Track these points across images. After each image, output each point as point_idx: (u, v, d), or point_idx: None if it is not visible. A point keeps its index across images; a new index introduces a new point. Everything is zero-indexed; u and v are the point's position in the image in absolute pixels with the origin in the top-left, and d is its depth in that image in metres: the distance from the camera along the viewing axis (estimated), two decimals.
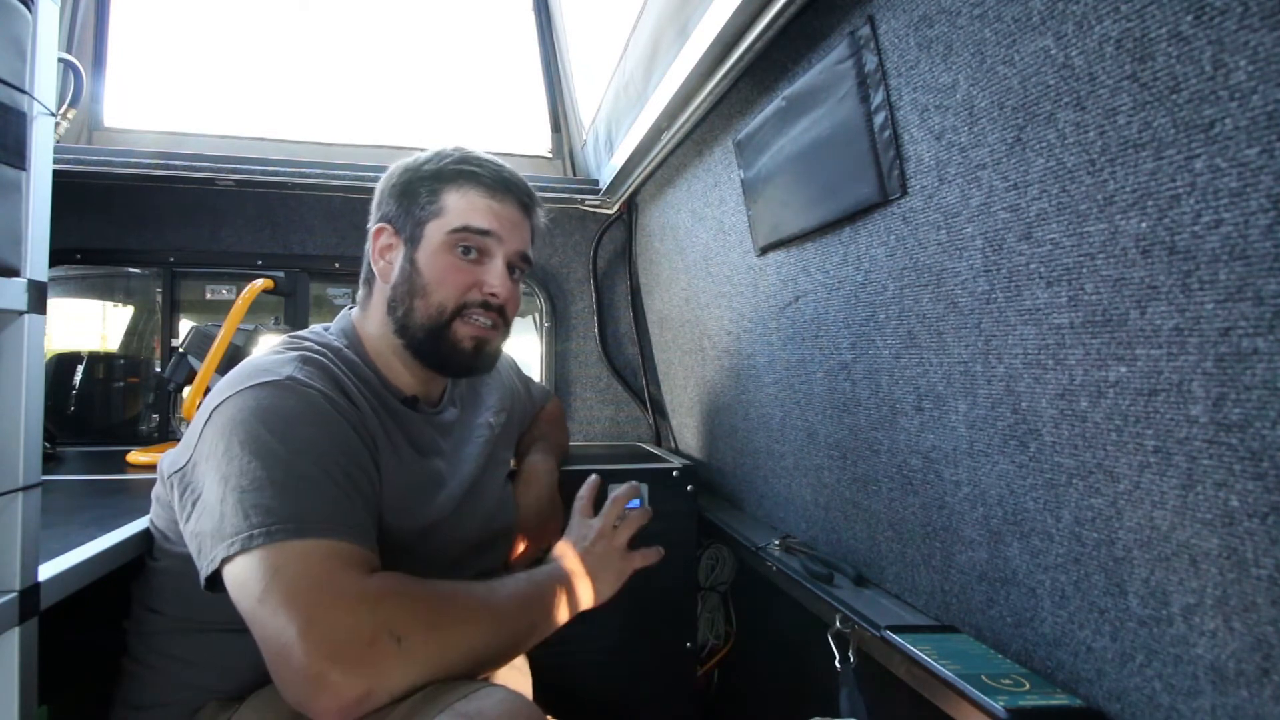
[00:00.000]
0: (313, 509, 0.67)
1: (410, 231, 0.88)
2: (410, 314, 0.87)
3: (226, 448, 0.69)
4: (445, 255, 0.87)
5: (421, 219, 0.88)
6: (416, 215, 0.88)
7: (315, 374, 0.77)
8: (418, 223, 0.88)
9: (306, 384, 0.74)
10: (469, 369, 0.91)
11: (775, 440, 1.20)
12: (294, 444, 0.70)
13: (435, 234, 0.87)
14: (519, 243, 0.90)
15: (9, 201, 0.59)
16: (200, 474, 0.71)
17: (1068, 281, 0.57)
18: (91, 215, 1.70)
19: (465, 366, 0.90)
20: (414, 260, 0.87)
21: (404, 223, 0.88)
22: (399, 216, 0.89)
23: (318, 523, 0.66)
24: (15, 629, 0.58)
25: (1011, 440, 0.67)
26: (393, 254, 0.89)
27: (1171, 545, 0.53)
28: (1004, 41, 0.58)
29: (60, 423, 1.64)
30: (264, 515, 0.65)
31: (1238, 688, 0.49)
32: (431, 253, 0.87)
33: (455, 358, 0.88)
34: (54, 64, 0.65)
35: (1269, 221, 0.42)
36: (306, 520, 0.66)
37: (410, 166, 0.91)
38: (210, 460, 0.69)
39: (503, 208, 0.89)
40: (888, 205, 0.77)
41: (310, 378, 0.76)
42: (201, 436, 0.72)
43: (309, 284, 1.83)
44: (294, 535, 0.65)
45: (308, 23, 2.23)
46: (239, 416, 0.70)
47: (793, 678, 1.11)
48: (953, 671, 0.68)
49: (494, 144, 2.08)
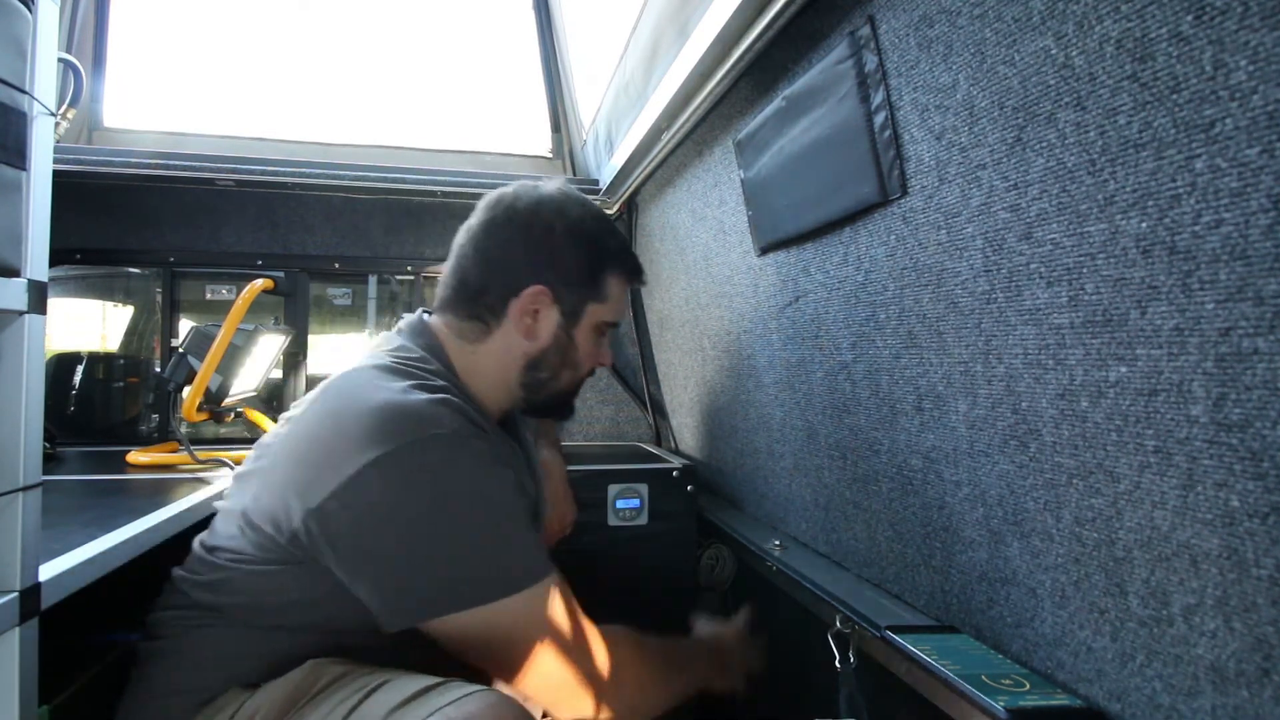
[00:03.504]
0: (531, 555, 0.77)
1: (571, 306, 0.91)
2: (554, 380, 0.93)
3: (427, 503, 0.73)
4: (594, 336, 0.95)
5: (584, 297, 0.92)
6: (579, 290, 0.92)
7: (467, 422, 0.79)
8: (580, 299, 0.92)
9: (475, 438, 0.78)
10: (564, 420, 1.06)
11: (775, 440, 1.20)
12: (489, 497, 0.76)
13: (593, 317, 0.93)
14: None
15: (9, 201, 0.59)
16: (387, 527, 0.72)
17: (1068, 281, 0.57)
18: (91, 215, 1.70)
19: (564, 418, 1.03)
20: (571, 335, 0.93)
21: (564, 294, 0.91)
22: (560, 285, 0.90)
23: (541, 566, 0.77)
24: (15, 629, 0.58)
25: (1012, 440, 0.67)
26: (543, 316, 0.91)
27: (1172, 545, 0.53)
28: (1004, 41, 0.58)
29: (60, 423, 1.64)
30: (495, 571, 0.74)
31: (1238, 688, 0.49)
32: (586, 333, 0.94)
33: (563, 413, 1.00)
34: (54, 64, 0.65)
35: (1269, 221, 0.42)
36: (529, 568, 0.76)
37: (574, 226, 0.91)
38: (402, 514, 0.72)
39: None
40: (888, 205, 0.77)
41: (468, 426, 0.78)
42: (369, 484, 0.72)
43: (309, 284, 1.84)
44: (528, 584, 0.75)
45: (308, 23, 2.23)
46: (429, 473, 0.73)
47: (793, 678, 1.11)
48: (953, 671, 0.68)
49: (494, 144, 2.08)
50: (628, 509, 1.34)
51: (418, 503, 0.73)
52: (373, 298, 1.96)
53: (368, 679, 0.72)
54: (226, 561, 0.80)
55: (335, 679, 0.73)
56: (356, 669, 0.74)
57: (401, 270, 1.90)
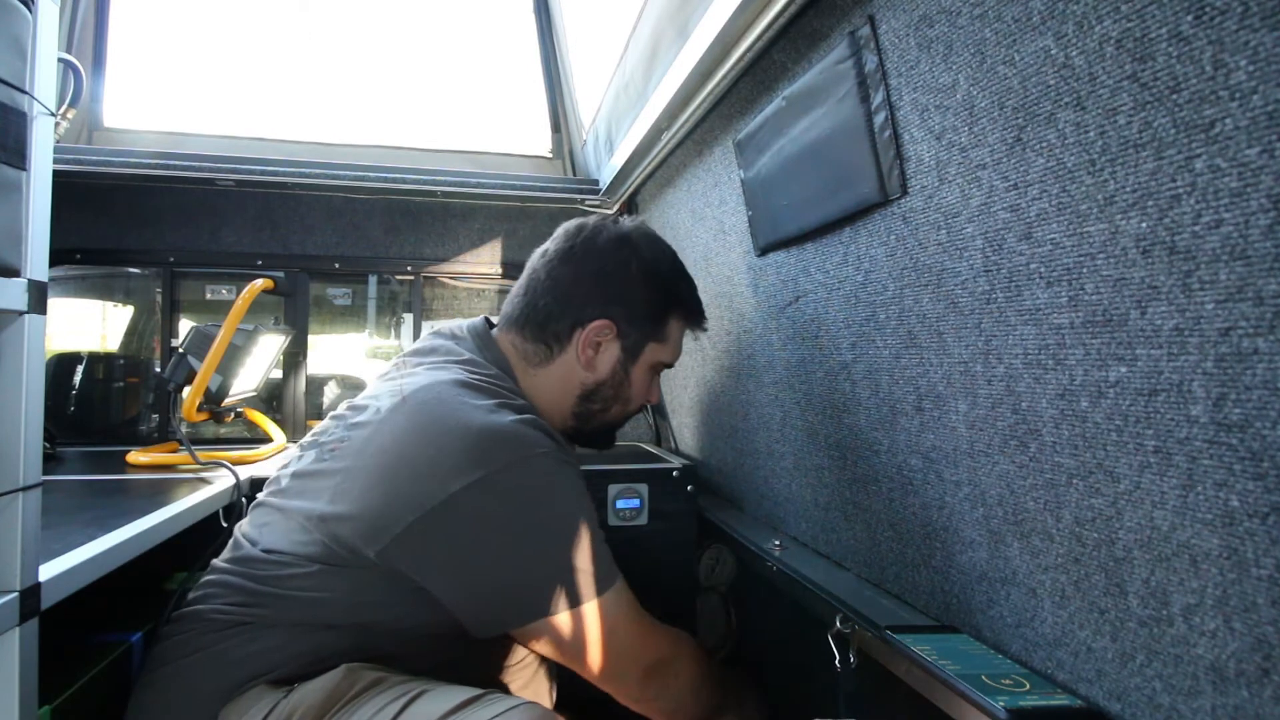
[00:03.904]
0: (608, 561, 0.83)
1: (633, 342, 0.94)
2: (606, 412, 0.96)
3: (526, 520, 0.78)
4: (649, 374, 0.98)
5: (646, 334, 0.95)
6: (643, 328, 0.94)
7: (555, 443, 0.83)
8: (642, 336, 0.94)
9: (564, 457, 0.82)
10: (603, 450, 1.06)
11: (775, 440, 1.20)
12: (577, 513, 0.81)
13: (651, 356, 0.97)
14: None
15: (9, 201, 0.59)
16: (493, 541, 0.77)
17: (1068, 281, 0.57)
18: (91, 215, 1.70)
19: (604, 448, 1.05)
20: (629, 371, 0.95)
21: (628, 330, 0.94)
22: (625, 321, 0.93)
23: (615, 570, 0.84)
24: (15, 629, 0.58)
25: (1012, 440, 0.67)
26: (605, 349, 0.94)
27: (1172, 545, 0.53)
28: (1004, 41, 0.58)
29: (60, 423, 1.64)
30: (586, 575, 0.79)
31: (1238, 688, 0.49)
32: (642, 370, 0.97)
33: (605, 444, 1.03)
34: (54, 64, 0.65)
35: (1269, 221, 0.42)
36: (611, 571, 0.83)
37: (648, 266, 0.95)
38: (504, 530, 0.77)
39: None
40: (888, 205, 0.77)
41: (557, 447, 0.82)
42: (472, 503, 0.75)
43: (309, 284, 1.84)
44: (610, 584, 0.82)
45: (308, 23, 2.23)
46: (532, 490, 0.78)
47: (793, 678, 1.11)
48: (953, 671, 0.68)
49: (494, 144, 2.08)
50: (628, 509, 1.34)
51: (518, 520, 0.77)
52: (373, 298, 1.96)
53: (404, 687, 0.72)
54: (292, 562, 0.79)
55: (371, 684, 0.74)
56: (391, 675, 0.75)
57: (401, 270, 1.90)
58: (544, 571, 0.78)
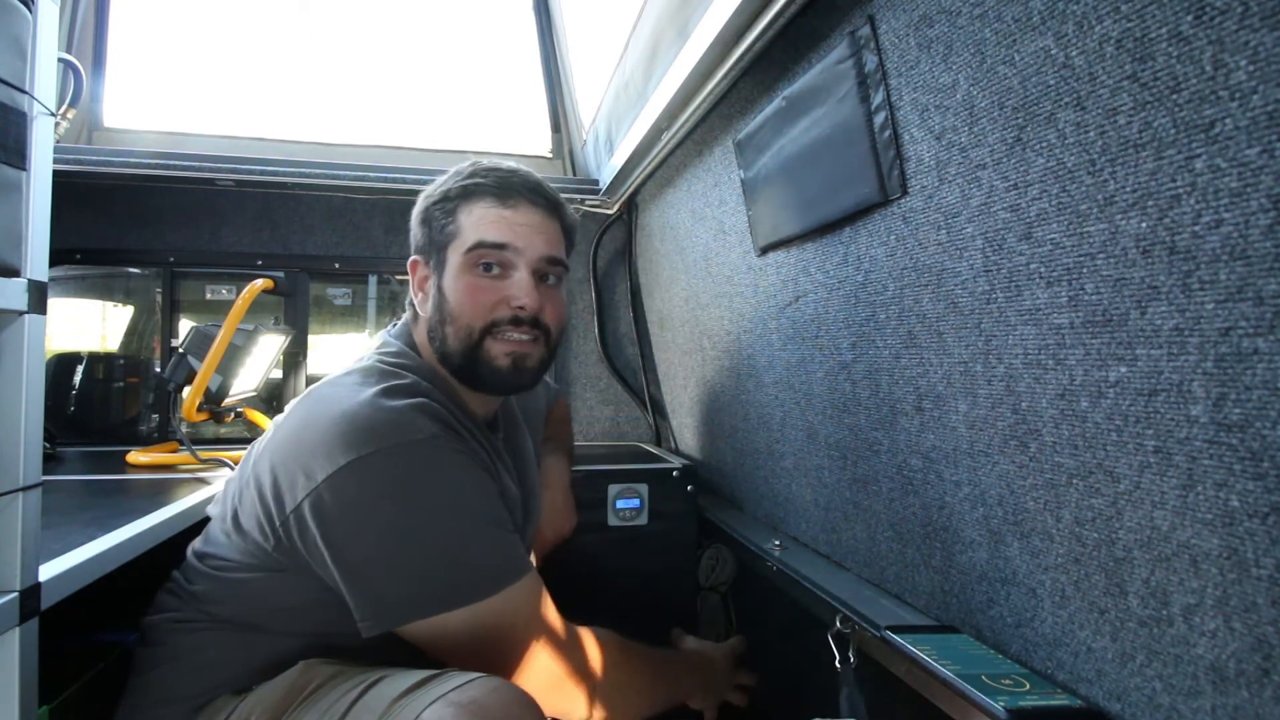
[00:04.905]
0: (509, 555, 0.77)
1: (435, 258, 0.89)
2: (445, 342, 0.87)
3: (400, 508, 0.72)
4: (466, 276, 0.86)
5: (442, 243, 0.88)
6: (438, 240, 0.88)
7: (441, 425, 0.78)
8: (440, 248, 0.88)
9: (448, 442, 0.77)
10: (511, 387, 0.90)
11: (775, 440, 1.20)
12: (463, 501, 0.76)
13: (455, 257, 0.86)
14: (543, 248, 0.87)
15: (9, 201, 0.59)
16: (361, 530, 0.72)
17: (1068, 281, 0.57)
18: (91, 215, 1.70)
19: (507, 385, 0.89)
20: (441, 288, 0.87)
21: (430, 251, 0.89)
22: (426, 246, 0.90)
23: (519, 566, 0.77)
24: (15, 629, 0.58)
25: (1012, 440, 0.67)
26: (428, 284, 0.90)
27: (1172, 545, 0.53)
28: (1004, 41, 0.58)
29: (60, 423, 1.64)
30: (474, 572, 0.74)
31: (1238, 688, 0.49)
32: (454, 276, 0.86)
33: (494, 378, 0.87)
34: (54, 64, 0.65)
35: (1269, 221, 0.42)
36: (508, 568, 0.76)
37: (429, 193, 0.91)
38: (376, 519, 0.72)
39: (516, 214, 0.87)
40: (888, 205, 0.77)
41: (442, 430, 0.77)
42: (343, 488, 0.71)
43: (309, 284, 1.83)
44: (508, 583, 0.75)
45: (308, 23, 2.23)
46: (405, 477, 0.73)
47: (793, 678, 1.11)
48: (953, 671, 0.68)
49: (494, 144, 2.08)
50: (628, 509, 1.34)
51: (391, 507, 0.72)
52: (373, 298, 1.96)
53: (363, 676, 0.72)
54: (215, 569, 0.80)
55: (329, 678, 0.74)
56: (349, 668, 0.75)
57: (401, 270, 1.89)
58: (419, 566, 0.73)
